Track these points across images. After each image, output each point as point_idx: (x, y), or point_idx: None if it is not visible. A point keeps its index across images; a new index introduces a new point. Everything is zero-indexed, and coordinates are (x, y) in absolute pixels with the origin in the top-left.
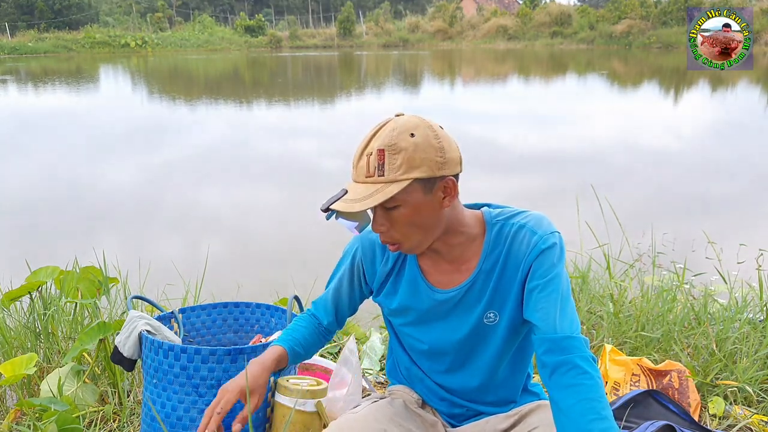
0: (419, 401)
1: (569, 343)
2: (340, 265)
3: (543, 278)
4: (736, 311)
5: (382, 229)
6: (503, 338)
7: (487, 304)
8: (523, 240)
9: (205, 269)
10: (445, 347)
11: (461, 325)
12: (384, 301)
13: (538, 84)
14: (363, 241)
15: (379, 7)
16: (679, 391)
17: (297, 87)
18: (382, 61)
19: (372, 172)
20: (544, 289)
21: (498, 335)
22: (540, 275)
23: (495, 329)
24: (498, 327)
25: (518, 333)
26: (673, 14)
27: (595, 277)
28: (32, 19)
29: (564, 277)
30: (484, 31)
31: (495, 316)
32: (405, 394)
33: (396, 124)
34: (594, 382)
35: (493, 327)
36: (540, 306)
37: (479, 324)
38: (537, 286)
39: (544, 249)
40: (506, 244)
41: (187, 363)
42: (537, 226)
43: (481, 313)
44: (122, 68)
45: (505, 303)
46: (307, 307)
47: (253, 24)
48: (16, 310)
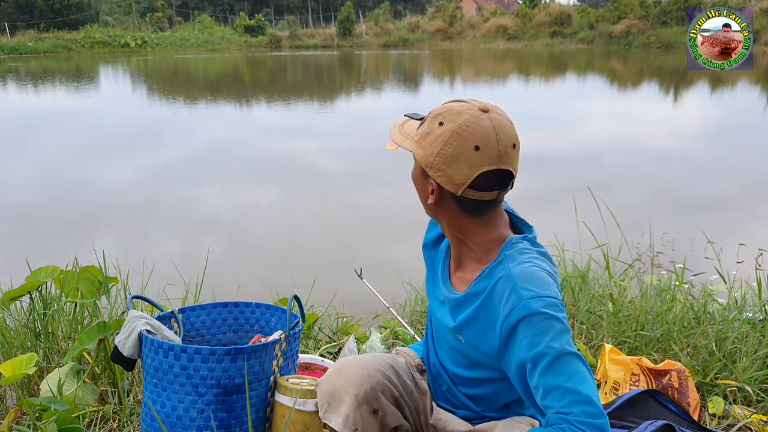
0: (420, 366)
1: (564, 421)
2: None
3: (530, 352)
4: (735, 311)
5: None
6: (470, 364)
7: (457, 328)
8: (505, 294)
9: (205, 269)
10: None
11: (444, 324)
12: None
13: (537, 84)
14: None
15: (378, 7)
16: (678, 391)
17: (297, 87)
18: (381, 61)
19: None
20: (535, 368)
21: (471, 358)
22: (526, 348)
23: (467, 350)
24: (470, 351)
25: (492, 372)
26: (673, 14)
27: (594, 277)
28: (32, 19)
29: (555, 347)
30: (484, 31)
31: (465, 341)
32: (408, 357)
33: (461, 109)
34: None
35: (465, 347)
36: (534, 384)
37: (452, 336)
38: (524, 362)
39: (526, 316)
40: (493, 285)
41: (187, 363)
42: (524, 284)
43: (454, 330)
44: (122, 68)
45: (474, 343)
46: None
47: (252, 24)
48: (16, 310)
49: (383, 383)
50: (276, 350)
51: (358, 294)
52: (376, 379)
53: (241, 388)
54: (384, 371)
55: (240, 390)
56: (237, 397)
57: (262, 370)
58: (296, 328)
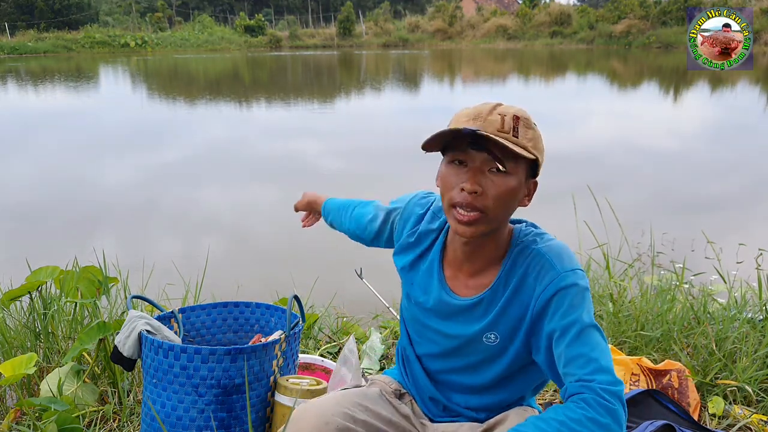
0: (397, 392)
1: (584, 390)
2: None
3: (561, 321)
4: (735, 311)
5: (478, 190)
6: (500, 362)
7: (489, 325)
8: (540, 272)
9: (205, 269)
10: (433, 349)
11: (457, 335)
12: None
13: (537, 84)
14: (415, 200)
15: (378, 7)
16: (678, 391)
17: (297, 87)
18: (381, 61)
19: (507, 129)
20: (564, 335)
21: (495, 358)
22: (558, 317)
23: (493, 350)
24: (496, 350)
25: (518, 363)
26: (673, 14)
27: (594, 277)
28: (32, 19)
29: (586, 318)
30: (484, 31)
31: (495, 338)
32: (383, 384)
33: (518, 108)
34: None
35: (492, 348)
36: (559, 352)
37: (476, 341)
38: (555, 330)
39: (562, 288)
40: (523, 270)
41: (187, 363)
42: (557, 259)
43: (481, 332)
44: (122, 68)
45: (508, 330)
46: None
47: (252, 24)
48: (16, 310)
49: (344, 427)
50: (276, 350)
51: (358, 294)
52: (334, 426)
53: (241, 388)
54: (347, 412)
55: (240, 390)
56: (237, 397)
57: (262, 370)
58: (296, 328)
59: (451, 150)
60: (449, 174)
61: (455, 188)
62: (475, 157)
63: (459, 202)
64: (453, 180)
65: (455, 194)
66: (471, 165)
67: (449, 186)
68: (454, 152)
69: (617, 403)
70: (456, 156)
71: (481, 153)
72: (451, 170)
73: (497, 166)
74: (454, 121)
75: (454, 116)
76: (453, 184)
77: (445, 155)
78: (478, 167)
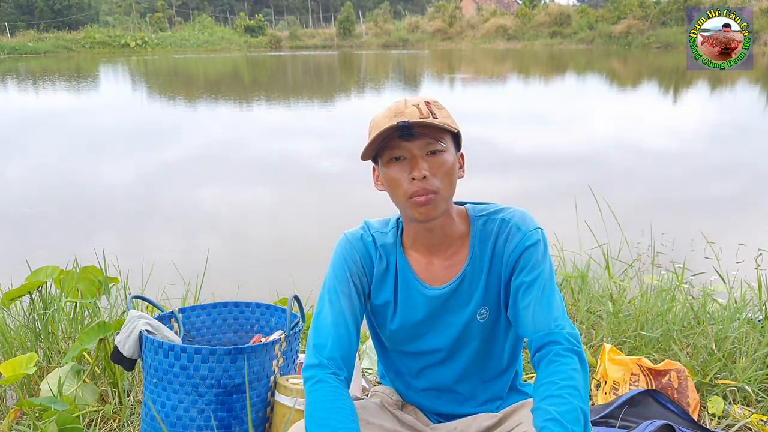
0: (399, 402)
1: (552, 339)
2: (332, 291)
3: (528, 275)
4: (735, 311)
5: (426, 174)
6: (494, 335)
7: (480, 301)
8: (508, 236)
9: (205, 269)
10: (437, 345)
11: (454, 323)
12: (375, 301)
13: (537, 84)
14: (351, 241)
15: (378, 7)
16: (678, 391)
17: (297, 87)
18: (381, 61)
19: (426, 114)
20: (530, 287)
21: (489, 332)
22: (526, 272)
23: (486, 325)
24: (489, 323)
25: (508, 329)
26: (673, 14)
27: (594, 277)
28: (32, 19)
29: (548, 272)
30: (484, 31)
31: (486, 311)
32: (385, 396)
33: (424, 95)
34: (566, 368)
35: (485, 324)
36: (525, 304)
37: (472, 321)
38: (522, 284)
39: (528, 246)
40: (493, 239)
41: (187, 363)
42: (521, 222)
43: (474, 310)
44: (122, 68)
45: (494, 299)
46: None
47: (252, 24)
48: (16, 310)
49: None
50: (276, 350)
51: None
52: None
53: (241, 387)
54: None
55: (240, 390)
56: (237, 396)
57: (262, 370)
58: (296, 328)
59: (386, 150)
60: (393, 172)
61: (405, 182)
62: (410, 147)
63: (414, 192)
64: (399, 175)
65: (407, 187)
66: (409, 156)
67: (398, 183)
68: (391, 150)
69: (579, 344)
70: (393, 154)
71: (416, 141)
72: (392, 169)
73: (433, 149)
74: (376, 127)
75: (373, 123)
76: (401, 179)
77: (379, 160)
78: (417, 155)
